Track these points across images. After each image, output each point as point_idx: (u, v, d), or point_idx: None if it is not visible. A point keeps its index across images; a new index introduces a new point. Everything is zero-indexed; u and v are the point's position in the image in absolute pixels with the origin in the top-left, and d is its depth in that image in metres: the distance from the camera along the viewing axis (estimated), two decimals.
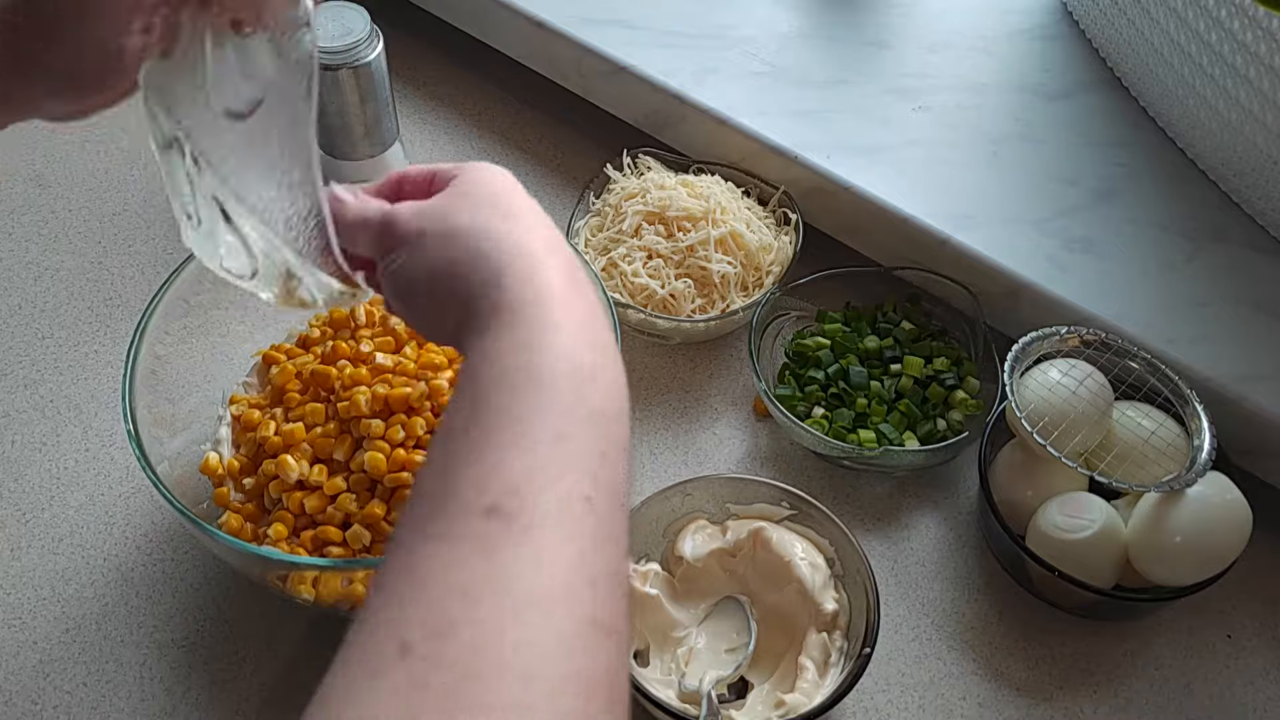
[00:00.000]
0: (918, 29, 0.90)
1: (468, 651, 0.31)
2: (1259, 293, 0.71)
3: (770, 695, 0.60)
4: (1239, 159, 0.73)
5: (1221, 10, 0.69)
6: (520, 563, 0.33)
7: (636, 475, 0.72)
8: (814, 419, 0.71)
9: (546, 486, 0.35)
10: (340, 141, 0.83)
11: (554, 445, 0.37)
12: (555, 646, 0.32)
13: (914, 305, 0.77)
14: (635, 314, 0.75)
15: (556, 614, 0.33)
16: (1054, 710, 0.63)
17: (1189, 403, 0.65)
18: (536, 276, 0.43)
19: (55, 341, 0.78)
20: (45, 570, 0.66)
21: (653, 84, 0.83)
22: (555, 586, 0.33)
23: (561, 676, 0.32)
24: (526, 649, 0.31)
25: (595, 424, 0.38)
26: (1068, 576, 0.61)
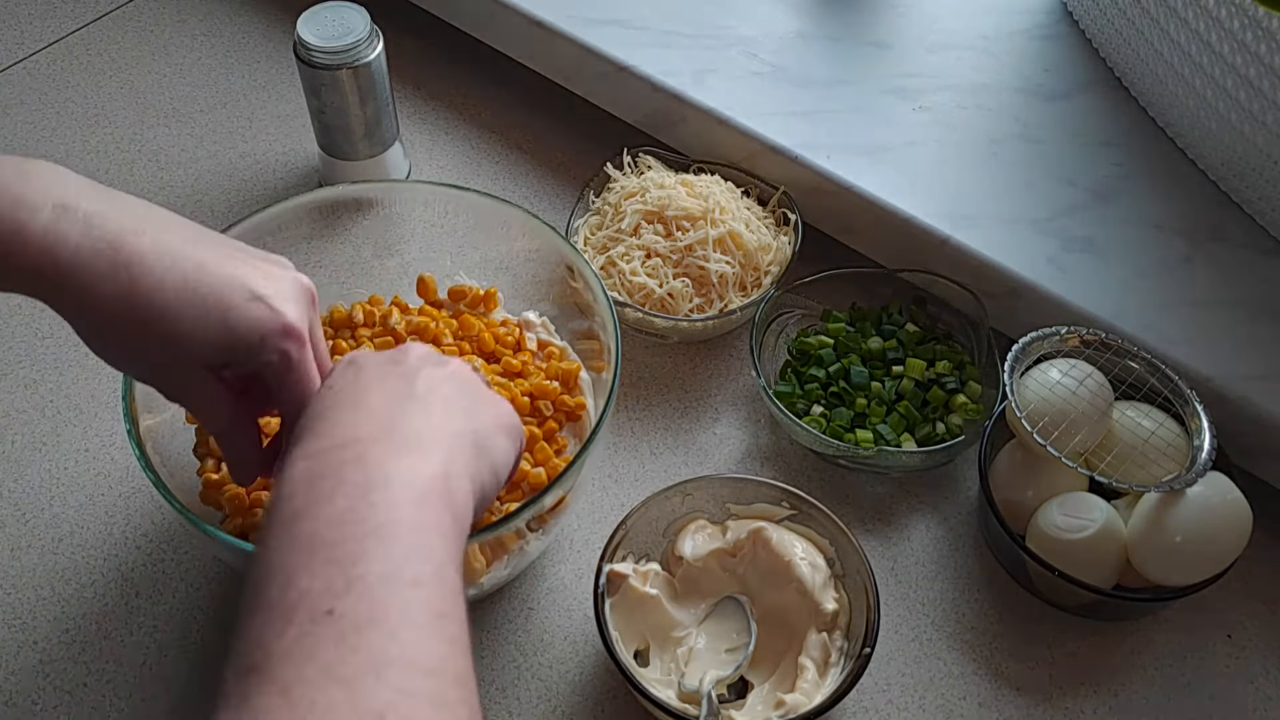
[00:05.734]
0: (918, 29, 0.90)
1: None
2: (1259, 293, 0.71)
3: (770, 695, 0.60)
4: (1239, 159, 0.73)
5: (1221, 10, 0.69)
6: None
7: (637, 474, 0.72)
8: (812, 417, 0.71)
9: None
10: (340, 141, 0.83)
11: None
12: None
13: (919, 308, 0.77)
14: (633, 313, 0.75)
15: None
16: (1054, 710, 0.63)
17: (1189, 403, 0.65)
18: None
19: (55, 341, 0.78)
20: (45, 570, 0.66)
21: (653, 84, 0.83)
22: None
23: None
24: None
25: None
26: (1068, 576, 0.61)
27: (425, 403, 0.45)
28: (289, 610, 0.34)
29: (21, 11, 1.03)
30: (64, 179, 0.46)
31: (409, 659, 0.34)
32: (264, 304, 0.48)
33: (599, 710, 0.62)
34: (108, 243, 0.45)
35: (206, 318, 0.46)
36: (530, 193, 0.89)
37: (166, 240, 0.47)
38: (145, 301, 0.45)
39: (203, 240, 0.48)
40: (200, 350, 0.47)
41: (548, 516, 0.61)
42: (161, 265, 0.46)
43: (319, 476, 0.39)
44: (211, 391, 0.50)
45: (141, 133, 0.93)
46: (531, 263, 0.71)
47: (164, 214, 0.48)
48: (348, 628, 0.34)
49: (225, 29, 1.03)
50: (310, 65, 0.78)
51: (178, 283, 0.46)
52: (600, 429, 0.59)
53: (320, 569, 0.35)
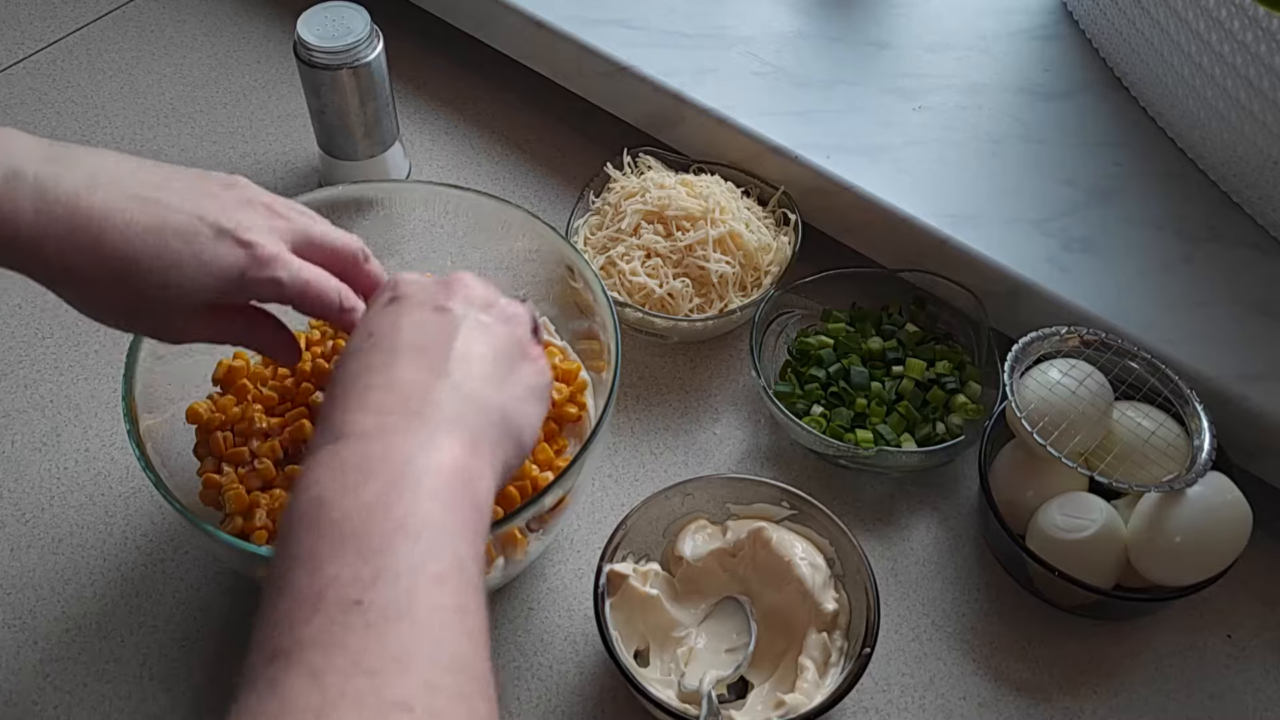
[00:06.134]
0: (918, 29, 0.90)
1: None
2: (1259, 293, 0.71)
3: (770, 695, 0.60)
4: (1239, 159, 0.73)
5: (1221, 10, 0.69)
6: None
7: (637, 474, 0.72)
8: (812, 417, 0.71)
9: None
10: (340, 141, 0.83)
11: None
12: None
13: (920, 308, 0.77)
14: (633, 313, 0.75)
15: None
16: (1054, 710, 0.63)
17: (1189, 403, 0.65)
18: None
19: (55, 341, 0.78)
20: (45, 570, 0.66)
21: (653, 84, 0.83)
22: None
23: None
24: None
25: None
26: (1068, 576, 0.61)
27: (456, 382, 0.44)
28: (316, 597, 0.35)
29: (21, 11, 1.03)
30: (13, 142, 0.46)
31: (433, 653, 0.35)
32: (231, 237, 0.47)
33: (599, 710, 0.62)
34: (63, 205, 0.45)
35: (180, 262, 0.46)
36: (530, 193, 0.89)
37: (122, 189, 0.46)
38: (115, 256, 0.45)
39: (156, 180, 0.48)
40: (183, 295, 0.47)
41: (548, 516, 0.61)
42: (123, 217, 0.46)
43: (347, 466, 0.40)
44: (216, 327, 0.51)
45: (141, 133, 0.93)
46: (531, 263, 0.71)
47: (114, 160, 0.48)
48: (375, 619, 0.34)
49: (225, 29, 1.03)
50: (310, 65, 0.78)
51: (141, 232, 0.46)
52: (600, 429, 0.59)
53: (349, 559, 0.36)
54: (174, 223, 0.47)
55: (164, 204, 0.47)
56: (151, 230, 0.46)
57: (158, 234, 0.46)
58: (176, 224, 0.47)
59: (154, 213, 0.46)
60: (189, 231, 0.47)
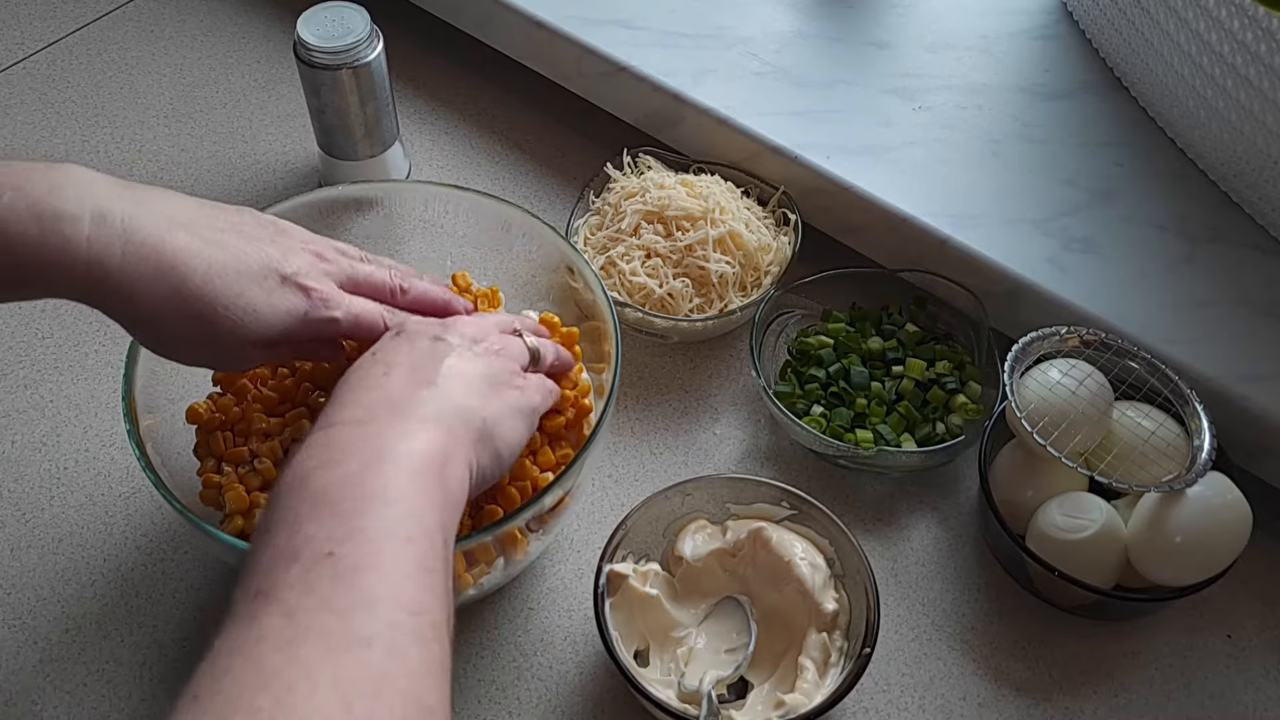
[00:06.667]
0: (918, 29, 0.90)
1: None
2: (1259, 293, 0.71)
3: (770, 695, 0.60)
4: (1239, 159, 0.73)
5: (1221, 10, 0.69)
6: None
7: (637, 474, 0.72)
8: (812, 417, 0.71)
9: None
10: (340, 141, 0.83)
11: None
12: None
13: (920, 308, 0.77)
14: (633, 313, 0.75)
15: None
16: (1054, 710, 0.63)
17: (1189, 403, 0.65)
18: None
19: (55, 341, 0.78)
20: (45, 570, 0.66)
21: (653, 84, 0.83)
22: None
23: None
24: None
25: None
26: (1068, 576, 0.61)
27: (441, 389, 0.49)
28: (296, 550, 0.39)
29: (21, 11, 1.03)
30: (93, 183, 0.49)
31: (396, 599, 0.39)
32: (293, 284, 0.52)
33: (599, 710, 0.62)
34: (151, 247, 0.48)
35: (255, 305, 0.51)
36: (530, 193, 0.89)
37: (197, 233, 0.50)
38: (196, 299, 0.49)
39: (223, 224, 0.52)
40: (254, 335, 0.51)
41: (548, 516, 0.61)
42: (203, 260, 0.50)
43: (330, 446, 0.44)
44: (273, 354, 0.55)
45: (141, 133, 0.93)
46: (531, 263, 0.71)
47: (183, 203, 0.52)
48: (345, 569, 0.39)
49: (225, 29, 1.03)
50: (310, 65, 0.78)
51: (221, 275, 0.50)
52: (600, 429, 0.59)
53: (325, 520, 0.40)
54: (248, 268, 0.51)
55: (236, 250, 0.51)
56: (230, 275, 0.50)
57: (235, 279, 0.50)
58: (250, 269, 0.51)
59: (230, 258, 0.51)
60: (260, 276, 0.51)
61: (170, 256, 0.48)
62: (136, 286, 0.48)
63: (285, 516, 0.41)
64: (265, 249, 0.52)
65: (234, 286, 0.50)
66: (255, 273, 0.51)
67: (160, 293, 0.48)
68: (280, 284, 0.52)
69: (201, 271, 0.49)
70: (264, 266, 0.51)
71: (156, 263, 0.48)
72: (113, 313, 0.49)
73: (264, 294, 0.51)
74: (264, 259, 0.52)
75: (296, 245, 0.54)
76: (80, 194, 0.48)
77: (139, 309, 0.49)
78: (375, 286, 0.57)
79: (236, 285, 0.50)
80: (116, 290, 0.48)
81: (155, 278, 0.48)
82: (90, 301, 0.49)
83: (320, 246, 0.56)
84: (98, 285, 0.48)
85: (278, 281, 0.52)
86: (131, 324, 0.50)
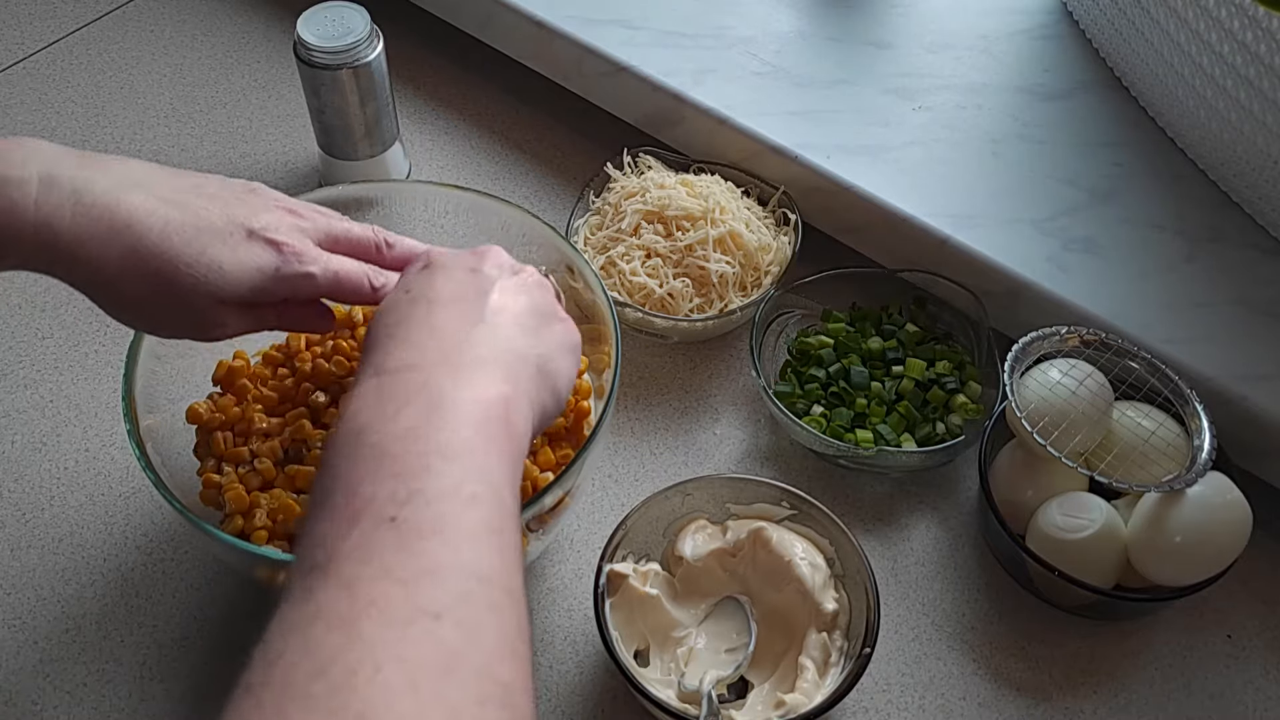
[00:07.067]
0: (918, 29, 0.90)
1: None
2: (1259, 293, 0.71)
3: (770, 695, 0.60)
4: (1239, 159, 0.73)
5: (1221, 10, 0.69)
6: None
7: (637, 474, 0.72)
8: (812, 417, 0.71)
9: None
10: (340, 141, 0.83)
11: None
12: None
13: (919, 308, 0.77)
14: (633, 312, 0.75)
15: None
16: (1054, 710, 0.63)
17: (1189, 403, 0.65)
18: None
19: (55, 341, 0.78)
20: (45, 570, 0.66)
21: (653, 84, 0.83)
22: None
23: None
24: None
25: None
26: (1068, 576, 0.61)
27: (493, 326, 0.46)
28: (354, 516, 0.36)
29: (21, 11, 1.03)
30: (41, 149, 0.47)
31: (464, 566, 0.36)
32: (261, 238, 0.50)
33: (599, 710, 0.62)
34: (103, 206, 0.46)
35: (219, 261, 0.48)
36: (530, 193, 0.89)
37: (155, 193, 0.48)
38: (154, 256, 0.47)
39: (185, 185, 0.50)
40: (221, 293, 0.49)
41: (548, 516, 0.61)
42: (159, 219, 0.47)
43: (387, 396, 0.41)
44: (250, 319, 0.52)
45: (141, 133, 0.93)
46: (531, 262, 0.71)
47: (142, 166, 0.50)
48: (409, 534, 0.35)
49: (225, 29, 1.03)
50: (310, 65, 0.78)
51: (179, 232, 0.48)
52: (600, 429, 0.59)
53: (385, 480, 0.37)
54: (210, 224, 0.49)
55: (197, 207, 0.49)
56: (190, 231, 0.48)
57: (195, 235, 0.48)
58: (212, 225, 0.49)
59: (190, 215, 0.48)
60: (224, 232, 0.49)
61: (125, 215, 0.47)
62: (91, 248, 0.46)
63: (340, 477, 0.38)
64: (230, 206, 0.50)
65: (194, 243, 0.48)
66: (219, 228, 0.49)
67: (115, 253, 0.46)
68: (247, 238, 0.49)
69: (158, 229, 0.47)
70: (228, 221, 0.49)
71: (110, 222, 0.46)
72: (71, 278, 0.48)
73: (228, 250, 0.48)
74: (228, 214, 0.49)
75: (268, 203, 0.52)
76: (27, 158, 0.46)
77: (96, 271, 0.47)
78: (356, 242, 0.54)
79: (197, 242, 0.48)
80: (70, 253, 0.46)
81: (109, 237, 0.46)
82: (47, 268, 0.47)
83: (295, 204, 0.53)
84: (48, 248, 0.46)
85: (244, 236, 0.49)
86: (92, 289, 0.48)
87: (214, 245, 0.48)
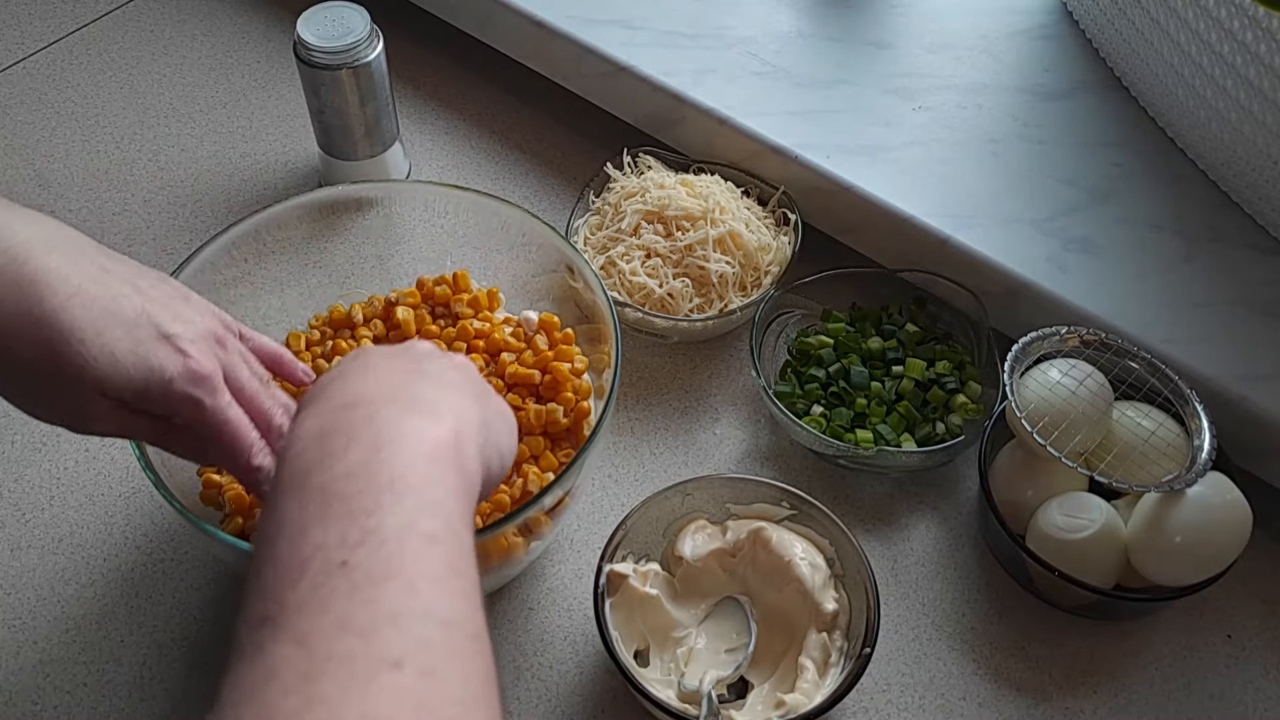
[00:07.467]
0: (918, 29, 0.90)
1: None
2: (1258, 293, 0.71)
3: (770, 695, 0.60)
4: (1239, 159, 0.73)
5: (1221, 10, 0.69)
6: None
7: (637, 474, 0.72)
8: (812, 417, 0.71)
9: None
10: (340, 141, 0.83)
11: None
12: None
13: (919, 308, 0.77)
14: (633, 312, 0.75)
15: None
16: (1054, 710, 0.63)
17: (1189, 403, 0.65)
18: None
19: None
20: (45, 570, 0.66)
21: (653, 84, 0.83)
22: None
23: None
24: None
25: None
26: (1068, 576, 0.61)
27: (435, 379, 0.43)
28: (302, 563, 0.34)
29: (21, 11, 1.03)
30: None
31: (426, 610, 0.33)
32: (170, 344, 0.47)
33: (599, 710, 0.62)
34: (10, 256, 0.44)
35: (115, 348, 0.45)
36: (530, 193, 0.89)
37: (75, 261, 0.45)
38: (49, 323, 0.44)
39: (113, 266, 0.47)
40: (106, 380, 0.45)
41: (548, 517, 0.61)
42: (69, 287, 0.44)
43: (330, 433, 0.38)
44: (127, 425, 0.48)
45: (141, 133, 0.93)
46: (531, 263, 0.71)
47: (73, 234, 0.47)
48: (362, 579, 0.33)
49: (225, 29, 1.03)
50: (310, 65, 0.78)
51: (85, 306, 0.44)
52: (600, 429, 0.59)
53: (333, 522, 0.35)
54: (120, 310, 0.46)
55: (116, 291, 0.46)
56: (96, 309, 0.45)
57: (101, 314, 0.45)
58: (122, 312, 0.46)
59: (103, 293, 0.45)
60: (132, 323, 0.46)
61: (33, 273, 0.44)
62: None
63: (285, 523, 0.35)
64: (153, 304, 0.47)
65: (97, 322, 0.44)
66: (128, 318, 0.46)
67: (10, 308, 0.43)
68: (155, 338, 0.46)
69: (64, 295, 0.44)
70: (141, 315, 0.46)
71: (16, 276, 0.43)
72: None
73: (130, 340, 0.45)
74: (145, 310, 0.46)
75: (193, 315, 0.49)
76: None
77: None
78: (256, 409, 0.51)
79: (100, 322, 0.45)
80: None
81: (9, 291, 0.43)
82: None
83: (222, 329, 0.50)
84: None
85: (152, 334, 0.46)
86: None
87: (115, 331, 0.45)
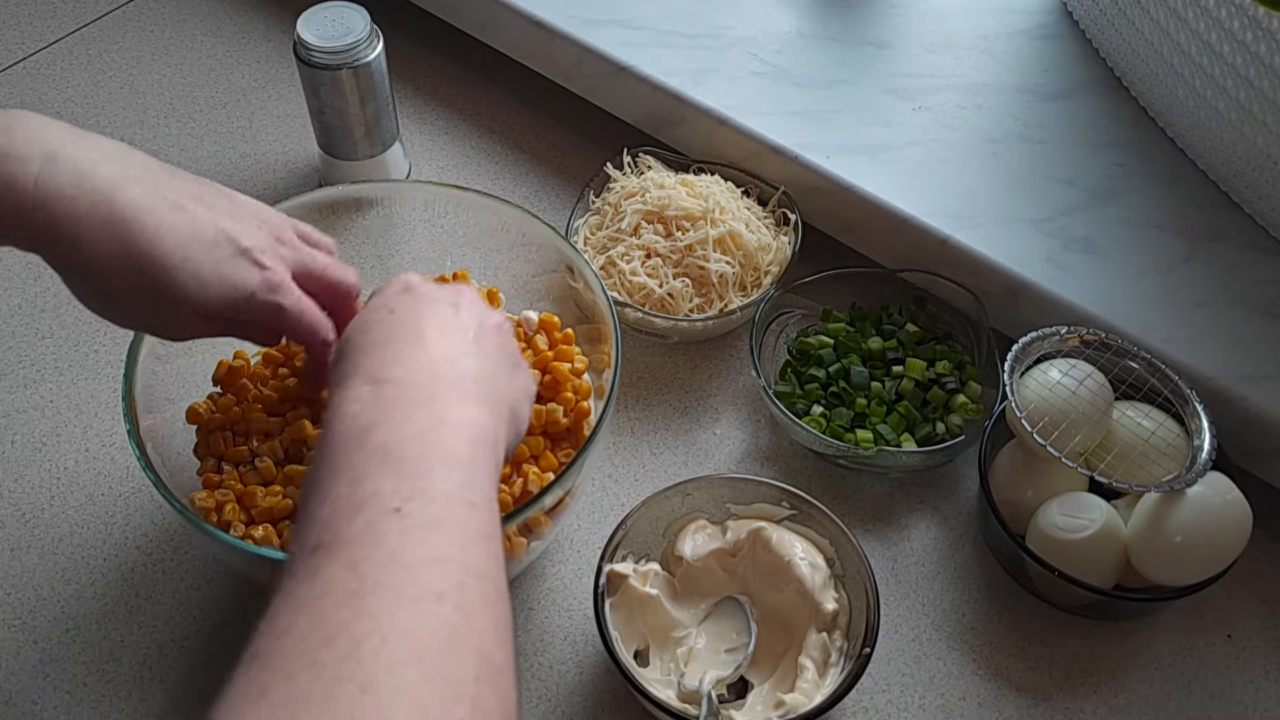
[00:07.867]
0: (918, 29, 0.90)
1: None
2: (1259, 293, 0.71)
3: (770, 695, 0.60)
4: (1239, 159, 0.73)
5: (1221, 10, 0.69)
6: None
7: (637, 474, 0.72)
8: (812, 417, 0.71)
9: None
10: (340, 141, 0.83)
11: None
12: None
13: (920, 308, 0.77)
14: (633, 312, 0.75)
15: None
16: (1054, 710, 0.63)
17: (1189, 403, 0.65)
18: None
19: (55, 341, 0.78)
20: (45, 570, 0.66)
21: (653, 84, 0.83)
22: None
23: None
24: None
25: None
26: (1068, 576, 0.61)
27: (477, 364, 0.47)
28: (359, 503, 0.38)
29: (21, 11, 1.03)
30: (45, 127, 0.47)
31: (465, 562, 0.37)
32: (247, 258, 0.51)
33: (599, 710, 0.62)
34: (101, 195, 0.47)
35: (201, 271, 0.49)
36: (530, 193, 0.89)
37: (155, 189, 0.49)
38: (143, 255, 0.47)
39: (186, 188, 0.50)
40: (196, 301, 0.49)
41: (548, 517, 0.61)
42: (155, 218, 0.48)
43: (389, 402, 0.43)
44: (216, 327, 0.53)
45: (141, 133, 0.93)
46: (531, 263, 0.71)
47: (144, 160, 0.50)
48: (411, 525, 0.37)
49: (225, 29, 1.03)
50: (310, 65, 0.78)
51: (172, 235, 0.48)
52: (600, 429, 0.59)
53: (389, 477, 0.39)
54: (201, 233, 0.49)
55: (193, 213, 0.49)
56: (182, 236, 0.48)
57: (186, 241, 0.48)
58: (204, 234, 0.49)
59: (185, 219, 0.49)
60: (214, 244, 0.49)
61: (121, 209, 0.47)
62: (84, 235, 0.46)
63: (345, 468, 0.40)
64: (223, 219, 0.50)
65: (183, 249, 0.48)
66: (209, 239, 0.49)
67: (106, 244, 0.47)
68: (233, 255, 0.50)
69: (152, 228, 0.47)
70: (219, 234, 0.50)
71: (107, 214, 0.47)
72: (54, 258, 0.48)
73: (214, 263, 0.49)
74: (220, 226, 0.50)
75: (254, 222, 0.52)
76: (29, 135, 0.46)
77: (83, 258, 0.47)
78: (331, 284, 0.55)
79: (186, 248, 0.48)
80: (63, 236, 0.46)
81: (103, 228, 0.46)
82: (32, 246, 0.47)
83: (279, 227, 0.54)
84: (43, 230, 0.46)
85: (230, 252, 0.50)
86: (69, 271, 0.48)
87: (199, 255, 0.49)
